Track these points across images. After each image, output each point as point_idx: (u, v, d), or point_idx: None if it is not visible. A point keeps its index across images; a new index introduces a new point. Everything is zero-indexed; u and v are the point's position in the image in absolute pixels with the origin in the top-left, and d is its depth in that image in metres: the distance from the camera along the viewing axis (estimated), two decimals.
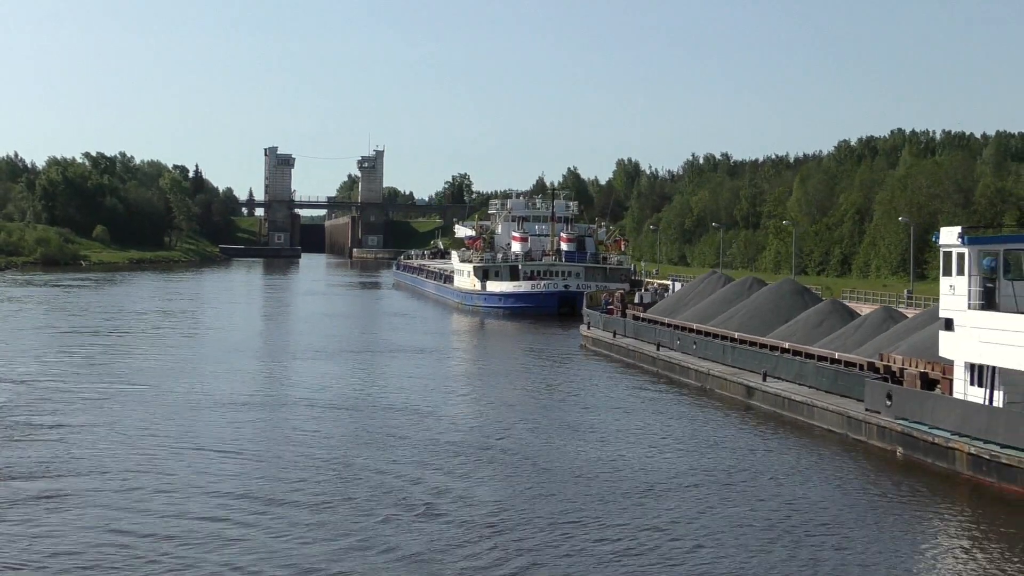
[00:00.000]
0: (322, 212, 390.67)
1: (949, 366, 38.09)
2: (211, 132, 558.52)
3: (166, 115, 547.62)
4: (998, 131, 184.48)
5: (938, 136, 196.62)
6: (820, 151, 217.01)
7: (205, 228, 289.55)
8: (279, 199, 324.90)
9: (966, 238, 36.12)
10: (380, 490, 32.39)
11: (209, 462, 35.96)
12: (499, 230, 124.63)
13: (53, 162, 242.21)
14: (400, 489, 32.54)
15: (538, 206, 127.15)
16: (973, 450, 34.08)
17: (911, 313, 55.92)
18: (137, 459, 36.15)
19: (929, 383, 39.47)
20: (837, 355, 47.46)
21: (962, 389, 36.62)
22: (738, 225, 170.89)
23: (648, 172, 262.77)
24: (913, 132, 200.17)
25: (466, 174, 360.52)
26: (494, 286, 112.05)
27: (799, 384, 47.40)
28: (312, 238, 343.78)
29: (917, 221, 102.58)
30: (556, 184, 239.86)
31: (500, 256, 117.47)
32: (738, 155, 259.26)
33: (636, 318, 71.21)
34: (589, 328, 76.78)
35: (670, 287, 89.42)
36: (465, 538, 27.80)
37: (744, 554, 26.96)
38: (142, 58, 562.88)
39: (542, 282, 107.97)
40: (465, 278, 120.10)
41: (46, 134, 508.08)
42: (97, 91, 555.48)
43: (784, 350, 51.53)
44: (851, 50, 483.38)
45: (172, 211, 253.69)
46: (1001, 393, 34.84)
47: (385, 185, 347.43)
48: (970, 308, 35.89)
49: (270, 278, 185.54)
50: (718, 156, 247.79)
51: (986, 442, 33.60)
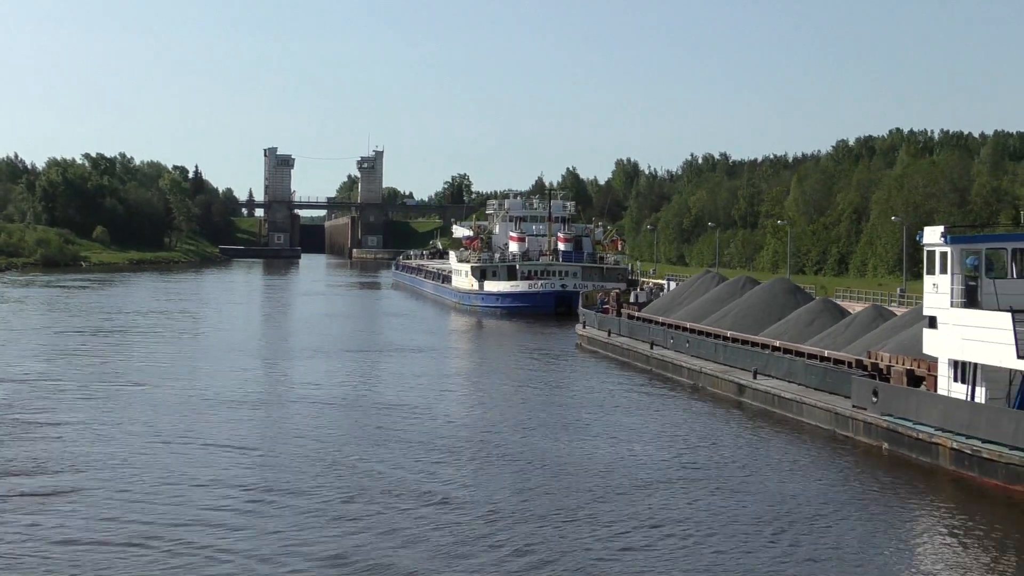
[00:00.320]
0: (322, 212, 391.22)
1: (934, 363, 38.71)
2: (211, 132, 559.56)
3: (166, 115, 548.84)
4: (996, 131, 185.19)
5: (936, 136, 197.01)
6: (819, 151, 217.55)
7: (205, 229, 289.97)
8: (279, 200, 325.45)
9: (948, 237, 36.74)
10: (376, 485, 32.96)
11: (208, 458, 36.55)
12: (497, 230, 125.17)
13: (53, 163, 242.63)
14: (395, 485, 33.09)
15: (535, 206, 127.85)
16: (955, 445, 34.72)
17: (901, 312, 56.48)
18: (136, 456, 36.71)
19: (915, 380, 40.12)
20: (827, 353, 48.01)
21: (946, 386, 37.27)
22: (736, 225, 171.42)
23: (647, 172, 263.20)
24: (911, 132, 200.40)
25: (465, 174, 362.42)
26: (491, 286, 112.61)
27: (789, 381, 48.05)
28: (312, 238, 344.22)
29: (913, 221, 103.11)
30: (555, 184, 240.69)
31: (497, 256, 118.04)
32: (737, 155, 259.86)
33: (631, 317, 71.81)
34: (585, 327, 77.38)
35: (665, 287, 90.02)
36: (459, 531, 28.37)
37: (734, 546, 27.60)
38: (142, 58, 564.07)
39: (539, 282, 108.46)
40: (463, 278, 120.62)
41: (46, 134, 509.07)
42: (97, 91, 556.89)
43: (775, 348, 52.12)
44: (850, 50, 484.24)
45: (172, 212, 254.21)
46: (983, 389, 35.48)
47: (385, 185, 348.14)
48: (953, 306, 36.52)
49: (270, 278, 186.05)
50: (717, 156, 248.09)
51: (968, 437, 34.24)
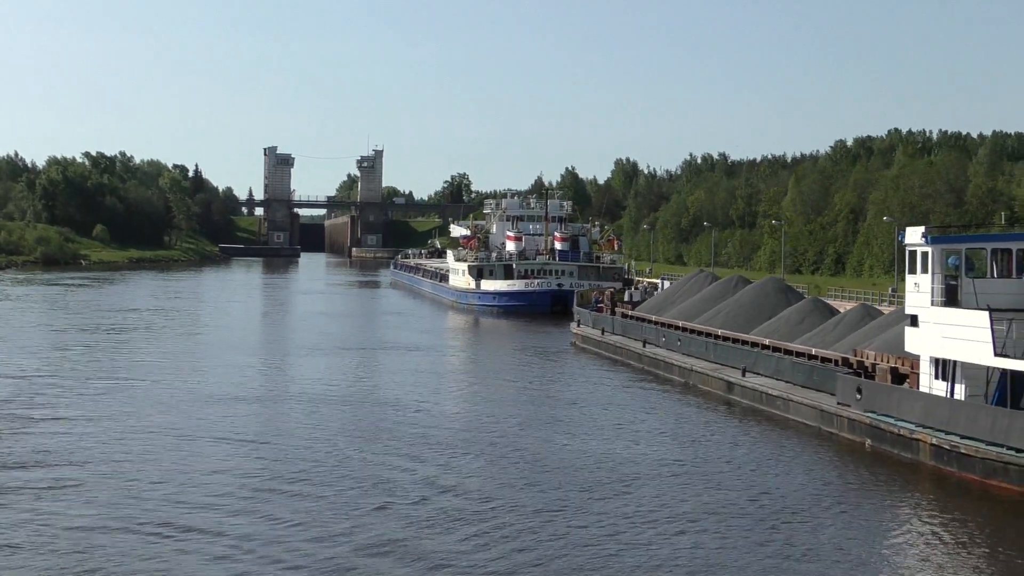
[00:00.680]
0: (321, 212, 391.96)
1: (917, 361, 39.36)
2: (211, 132, 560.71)
3: (166, 115, 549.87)
4: (994, 131, 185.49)
5: (935, 136, 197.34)
6: (818, 151, 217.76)
7: (205, 227, 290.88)
8: (278, 199, 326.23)
9: (929, 238, 37.40)
10: (372, 480, 33.52)
11: (206, 454, 37.15)
12: (494, 229, 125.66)
13: (53, 162, 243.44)
14: (391, 479, 33.68)
15: (532, 206, 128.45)
16: (935, 441, 35.41)
17: (890, 311, 57.09)
18: (134, 451, 37.34)
19: (899, 377, 40.77)
20: (814, 351, 48.66)
21: (927, 383, 37.92)
22: (734, 225, 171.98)
23: (646, 172, 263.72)
24: (910, 132, 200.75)
25: (465, 174, 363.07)
26: (488, 285, 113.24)
27: (776, 379, 48.74)
28: (311, 237, 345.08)
29: (909, 221, 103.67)
30: (554, 184, 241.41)
31: (494, 255, 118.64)
32: (736, 155, 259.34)
33: (624, 316, 72.44)
34: (579, 326, 78.04)
35: (659, 286, 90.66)
36: (453, 525, 28.95)
37: (720, 538, 28.30)
38: (142, 58, 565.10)
39: (536, 281, 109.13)
40: (460, 277, 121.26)
41: (46, 134, 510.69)
42: (97, 91, 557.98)
43: (764, 347, 52.76)
44: (850, 51, 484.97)
45: (172, 210, 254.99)
46: (962, 386, 36.14)
47: (384, 185, 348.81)
48: (933, 305, 37.16)
49: (269, 277, 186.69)
50: (716, 156, 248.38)
51: (947, 433, 34.93)
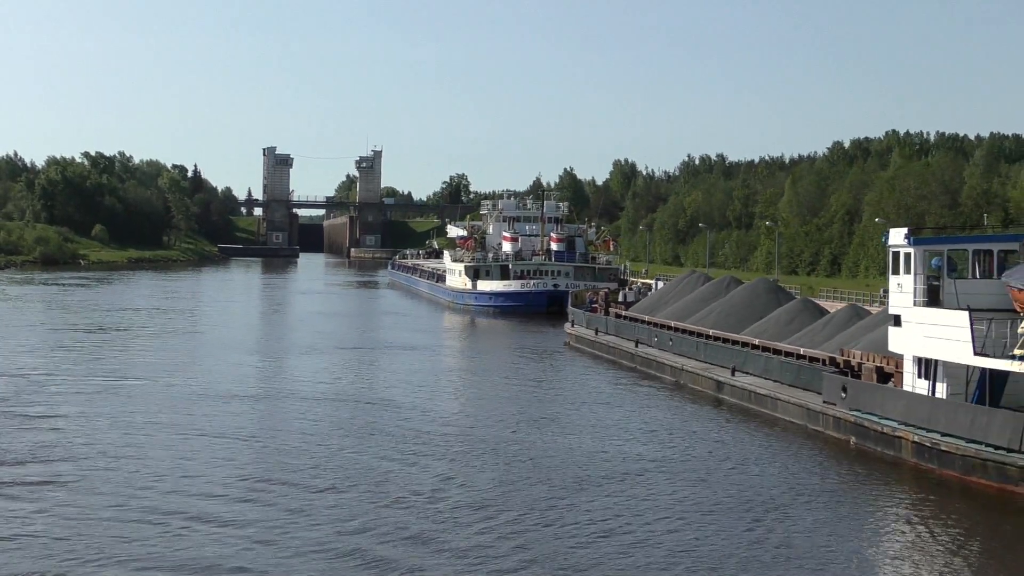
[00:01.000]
0: (320, 212, 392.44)
1: (902, 360, 40.03)
2: (210, 131, 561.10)
3: (166, 115, 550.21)
4: (992, 132, 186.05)
5: (932, 138, 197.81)
6: (815, 152, 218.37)
7: (204, 227, 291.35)
8: (277, 199, 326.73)
9: (912, 239, 38.10)
10: (369, 478, 34.01)
11: (204, 451, 37.69)
12: (490, 230, 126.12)
13: (52, 161, 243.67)
14: (387, 478, 34.17)
15: (529, 207, 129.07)
16: (917, 438, 36.11)
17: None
18: (133, 448, 37.89)
19: (884, 377, 41.45)
20: (802, 351, 49.35)
21: (910, 382, 38.61)
22: (731, 226, 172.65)
23: (644, 173, 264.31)
24: (907, 133, 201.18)
25: (464, 174, 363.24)
26: (485, 285, 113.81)
27: (765, 378, 49.45)
28: (310, 238, 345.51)
29: (904, 222, 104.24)
30: (552, 185, 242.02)
31: (491, 256, 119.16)
32: (734, 156, 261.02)
33: (617, 316, 73.13)
34: (573, 326, 78.74)
35: (653, 287, 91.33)
36: (445, 519, 29.54)
37: (708, 533, 28.99)
38: (142, 58, 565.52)
39: (532, 281, 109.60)
40: (456, 277, 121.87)
41: (46, 134, 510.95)
42: (97, 91, 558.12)
43: (753, 346, 53.45)
44: (849, 52, 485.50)
45: (171, 210, 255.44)
46: (944, 385, 36.83)
47: (383, 185, 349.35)
48: (916, 305, 37.84)
49: (268, 277, 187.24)
50: (714, 157, 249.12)
51: (928, 431, 35.63)
